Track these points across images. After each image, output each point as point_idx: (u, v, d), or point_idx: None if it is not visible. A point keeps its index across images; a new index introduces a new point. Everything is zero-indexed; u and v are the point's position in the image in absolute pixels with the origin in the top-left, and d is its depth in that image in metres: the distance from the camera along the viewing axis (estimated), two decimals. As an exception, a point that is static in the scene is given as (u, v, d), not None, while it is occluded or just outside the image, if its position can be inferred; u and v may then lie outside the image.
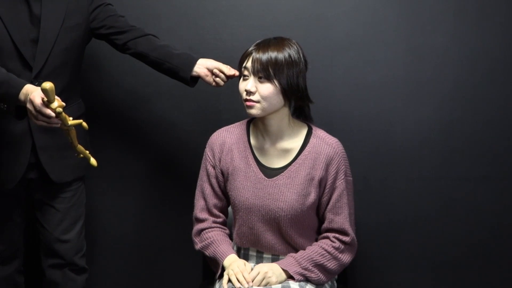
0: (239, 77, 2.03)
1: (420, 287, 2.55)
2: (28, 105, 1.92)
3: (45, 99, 1.85)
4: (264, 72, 1.94)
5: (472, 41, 2.45)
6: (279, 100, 1.96)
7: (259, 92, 1.96)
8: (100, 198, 2.64)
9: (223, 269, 1.99)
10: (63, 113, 1.88)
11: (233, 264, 1.95)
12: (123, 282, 2.70)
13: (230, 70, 2.22)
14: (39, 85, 2.01)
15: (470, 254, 2.52)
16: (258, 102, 1.96)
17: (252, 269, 1.96)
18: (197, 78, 2.24)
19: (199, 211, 2.10)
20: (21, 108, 1.99)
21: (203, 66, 2.22)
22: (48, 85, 1.81)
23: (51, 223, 2.30)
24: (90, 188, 2.51)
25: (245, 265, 1.95)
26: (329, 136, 2.05)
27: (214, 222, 2.09)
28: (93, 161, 2.02)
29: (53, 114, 1.87)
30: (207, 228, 2.08)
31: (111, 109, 2.62)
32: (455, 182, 2.50)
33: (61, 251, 2.32)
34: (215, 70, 2.21)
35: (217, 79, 2.22)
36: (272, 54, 1.94)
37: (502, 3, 2.44)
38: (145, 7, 2.55)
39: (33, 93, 1.91)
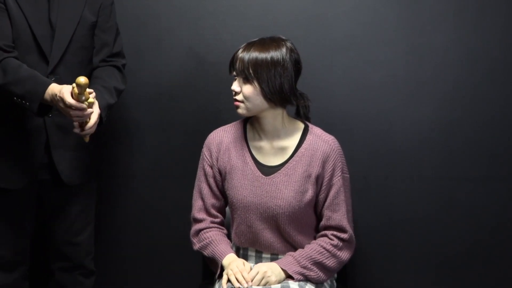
0: None
1: (420, 287, 2.54)
2: (60, 104, 1.94)
3: (77, 92, 1.90)
4: (244, 73, 1.94)
5: (472, 41, 2.45)
6: (261, 100, 1.96)
7: (243, 92, 1.96)
8: (100, 198, 2.63)
9: (222, 268, 1.98)
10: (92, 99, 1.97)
11: (232, 263, 1.95)
12: (123, 282, 2.70)
13: None
14: (55, 81, 2.06)
15: (470, 254, 2.51)
16: (242, 102, 1.97)
17: (251, 269, 1.96)
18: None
19: (197, 211, 2.10)
20: (43, 106, 2.01)
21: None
22: (82, 79, 1.86)
23: (62, 225, 2.28)
24: (90, 188, 2.51)
25: (244, 264, 1.95)
26: (325, 133, 2.05)
27: (212, 222, 2.08)
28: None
29: (85, 106, 1.93)
30: (205, 228, 2.08)
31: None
32: (455, 182, 2.49)
33: (72, 253, 2.31)
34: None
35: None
36: (253, 55, 1.94)
37: (502, 3, 2.44)
38: (145, 7, 2.56)
39: (61, 91, 1.93)
